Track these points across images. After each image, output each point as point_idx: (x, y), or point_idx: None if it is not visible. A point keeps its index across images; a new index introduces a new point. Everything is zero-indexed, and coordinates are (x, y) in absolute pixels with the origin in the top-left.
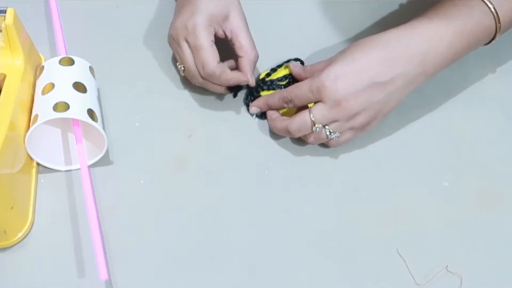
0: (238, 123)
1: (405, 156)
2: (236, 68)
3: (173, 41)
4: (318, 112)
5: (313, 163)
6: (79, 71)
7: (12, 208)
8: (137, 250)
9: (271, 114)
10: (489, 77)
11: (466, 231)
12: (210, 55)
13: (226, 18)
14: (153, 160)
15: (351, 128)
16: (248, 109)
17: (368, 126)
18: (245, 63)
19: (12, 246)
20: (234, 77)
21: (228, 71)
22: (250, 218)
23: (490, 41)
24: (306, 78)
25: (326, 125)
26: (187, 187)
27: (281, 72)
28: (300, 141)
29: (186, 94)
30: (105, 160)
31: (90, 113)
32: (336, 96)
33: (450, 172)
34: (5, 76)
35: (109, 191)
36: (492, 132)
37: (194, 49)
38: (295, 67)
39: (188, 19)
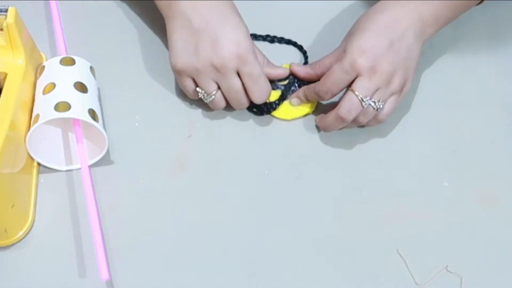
0: (238, 123)
1: (405, 156)
2: None
3: (213, 71)
4: (361, 87)
5: (313, 163)
6: (80, 71)
7: (12, 207)
8: (137, 249)
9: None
10: (489, 77)
11: (466, 231)
12: (267, 81)
13: None
14: (153, 160)
15: (392, 93)
16: (247, 108)
17: (405, 87)
18: (267, 69)
19: (13, 244)
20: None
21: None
22: (250, 218)
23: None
24: (316, 75)
25: (371, 98)
26: (187, 187)
27: None
28: (299, 141)
29: (186, 94)
30: (105, 160)
31: (91, 113)
32: (370, 64)
33: (450, 172)
34: (6, 75)
35: (109, 191)
36: (492, 132)
37: (250, 77)
38: (301, 70)
39: (238, 48)
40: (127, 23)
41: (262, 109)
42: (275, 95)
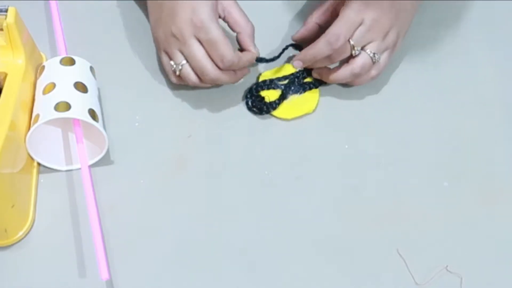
0: (238, 123)
1: (405, 156)
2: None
3: (175, 41)
4: (357, 35)
5: (313, 163)
6: (80, 71)
7: (13, 207)
8: (137, 249)
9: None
10: (489, 77)
11: (466, 231)
12: (227, 46)
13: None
14: (153, 160)
15: (386, 48)
16: (247, 107)
17: (397, 45)
18: (244, 38)
19: (13, 244)
20: (248, 59)
21: (242, 55)
22: (250, 218)
23: None
24: (312, 22)
25: (364, 48)
26: (187, 187)
27: (281, 72)
28: (299, 141)
29: (186, 94)
30: (105, 160)
31: (91, 113)
32: (373, 17)
33: (450, 172)
34: (6, 75)
35: (109, 191)
36: (492, 132)
37: (208, 44)
38: (302, 32)
39: (192, 14)
40: (127, 23)
41: (262, 109)
42: (275, 94)
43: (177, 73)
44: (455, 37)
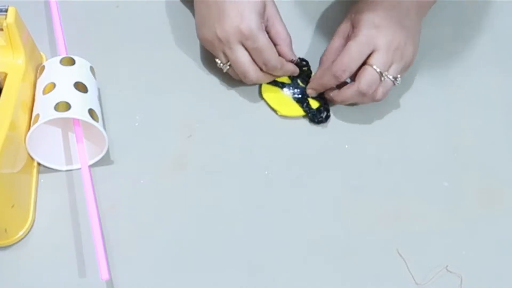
0: (238, 123)
1: (405, 156)
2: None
3: (220, 44)
4: (379, 61)
5: (313, 163)
6: (80, 71)
7: (13, 207)
8: (137, 249)
9: (329, 92)
10: (490, 76)
11: (466, 231)
12: (272, 52)
13: (265, 8)
14: (153, 160)
15: (404, 67)
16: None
17: (413, 59)
18: (285, 49)
19: (13, 244)
20: (289, 69)
21: (285, 62)
22: (250, 218)
23: None
24: (328, 61)
25: (387, 72)
26: (187, 187)
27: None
28: (300, 140)
29: (186, 93)
30: (105, 160)
31: (91, 113)
32: (386, 39)
33: (450, 172)
34: (6, 75)
35: (109, 190)
36: (492, 132)
37: (254, 51)
38: (318, 75)
39: (240, 22)
40: (127, 23)
41: (322, 120)
42: (314, 102)
43: (224, 71)
44: (455, 37)
